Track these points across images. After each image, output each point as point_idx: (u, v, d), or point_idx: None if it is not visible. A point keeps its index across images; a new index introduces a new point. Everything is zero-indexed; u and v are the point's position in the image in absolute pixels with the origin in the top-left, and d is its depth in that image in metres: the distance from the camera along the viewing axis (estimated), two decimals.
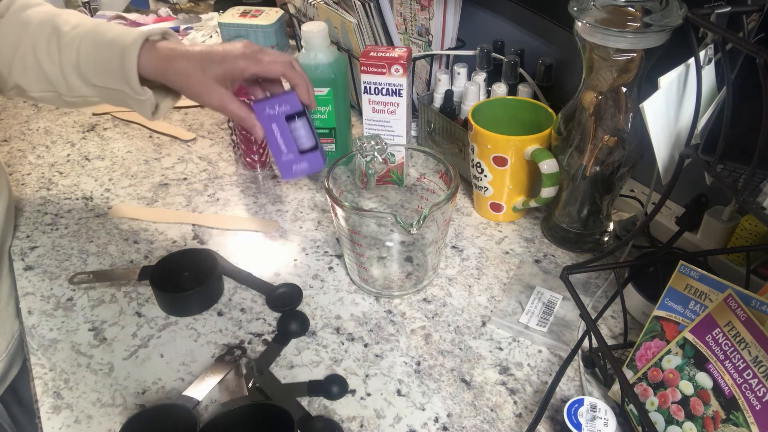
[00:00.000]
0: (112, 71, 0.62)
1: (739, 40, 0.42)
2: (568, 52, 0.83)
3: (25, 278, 0.70)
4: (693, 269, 0.50)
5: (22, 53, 0.64)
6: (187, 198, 0.83)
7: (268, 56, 0.65)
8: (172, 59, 0.63)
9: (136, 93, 0.63)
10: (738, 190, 0.45)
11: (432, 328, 0.63)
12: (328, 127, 0.84)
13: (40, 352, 0.61)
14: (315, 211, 0.81)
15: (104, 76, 0.63)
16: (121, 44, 0.62)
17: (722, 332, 0.45)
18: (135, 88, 0.62)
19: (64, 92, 0.65)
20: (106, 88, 0.64)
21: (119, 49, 0.62)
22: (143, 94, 0.63)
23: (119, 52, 0.62)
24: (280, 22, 1.20)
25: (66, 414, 0.55)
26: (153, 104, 0.65)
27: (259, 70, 0.65)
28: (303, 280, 0.70)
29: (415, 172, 0.69)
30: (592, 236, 0.72)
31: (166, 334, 0.63)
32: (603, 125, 0.62)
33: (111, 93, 0.65)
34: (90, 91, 0.65)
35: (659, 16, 0.53)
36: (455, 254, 0.73)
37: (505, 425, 0.54)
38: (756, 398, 0.42)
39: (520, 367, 0.59)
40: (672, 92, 0.52)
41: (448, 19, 0.85)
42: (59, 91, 0.65)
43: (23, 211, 0.81)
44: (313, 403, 0.56)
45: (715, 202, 0.66)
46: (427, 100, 0.86)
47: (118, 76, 0.62)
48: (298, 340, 0.62)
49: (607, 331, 0.63)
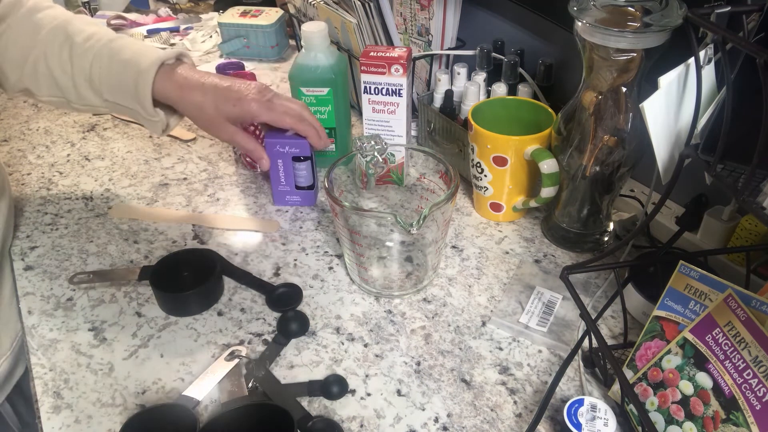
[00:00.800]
0: (126, 91, 0.64)
1: (739, 40, 0.42)
2: (568, 52, 0.83)
3: (25, 278, 0.70)
4: (693, 269, 0.50)
5: (34, 59, 0.64)
6: (187, 198, 0.83)
7: (281, 106, 0.68)
8: (188, 90, 0.64)
9: (148, 114, 0.65)
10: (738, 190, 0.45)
11: (432, 328, 0.63)
12: (328, 127, 0.84)
13: (40, 352, 0.61)
14: (315, 211, 0.81)
15: (117, 93, 0.65)
16: (137, 67, 0.63)
17: (722, 332, 0.45)
18: (148, 110, 0.64)
19: (73, 100, 0.66)
20: (118, 104, 0.66)
21: (134, 72, 0.63)
22: (155, 115, 0.65)
23: (134, 75, 0.63)
24: (280, 22, 1.20)
25: (66, 414, 0.55)
26: (164, 124, 0.67)
27: (271, 118, 0.68)
28: (303, 280, 0.70)
29: (415, 172, 0.69)
30: (592, 236, 0.72)
31: (166, 334, 0.63)
32: (603, 125, 0.62)
33: (122, 109, 0.66)
34: (100, 103, 0.66)
35: (659, 16, 0.53)
36: (455, 254, 0.73)
37: (505, 425, 0.54)
38: (756, 398, 0.42)
39: (520, 367, 0.59)
40: (672, 92, 0.52)
41: (448, 19, 0.85)
42: (68, 99, 0.66)
43: (23, 211, 0.81)
44: (313, 403, 0.56)
45: (715, 202, 0.66)
46: (427, 100, 0.86)
47: (132, 96, 0.64)
48: (298, 340, 0.62)
49: (607, 331, 0.63)
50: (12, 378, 0.76)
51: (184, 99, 0.64)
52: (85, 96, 0.65)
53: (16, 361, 0.75)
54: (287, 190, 0.79)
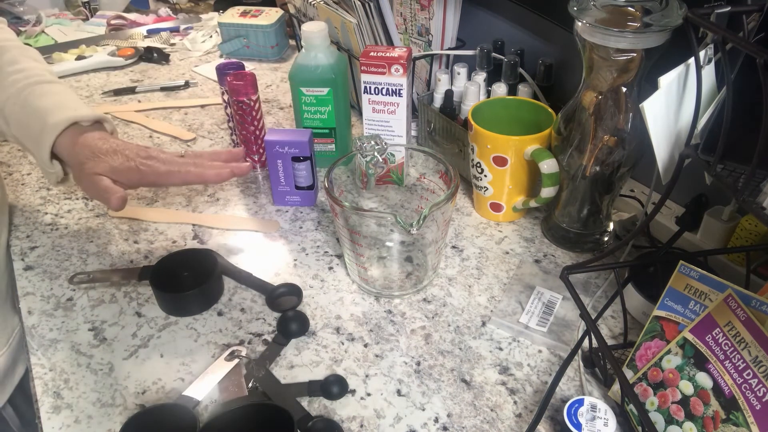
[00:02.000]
0: (30, 135, 0.64)
1: (739, 40, 0.42)
2: (568, 52, 0.83)
3: (25, 278, 0.70)
4: (693, 269, 0.50)
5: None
6: (187, 198, 0.83)
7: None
8: (78, 147, 0.63)
9: (44, 164, 0.65)
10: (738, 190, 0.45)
11: (432, 328, 0.63)
12: (328, 127, 0.84)
13: (40, 352, 0.61)
14: (315, 211, 0.81)
15: (23, 133, 0.65)
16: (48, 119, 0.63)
17: (722, 332, 0.45)
18: (44, 160, 0.64)
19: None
20: (21, 143, 0.66)
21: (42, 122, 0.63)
22: (51, 167, 0.65)
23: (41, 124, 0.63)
24: (280, 22, 1.20)
25: (66, 414, 0.55)
26: (60, 177, 0.67)
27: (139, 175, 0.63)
28: (303, 280, 0.70)
29: (415, 172, 0.69)
30: (592, 236, 0.72)
31: (166, 334, 0.63)
32: (603, 125, 0.62)
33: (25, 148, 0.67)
34: (7, 132, 0.67)
35: (659, 16, 0.53)
36: (455, 254, 0.73)
37: (505, 425, 0.54)
38: (756, 398, 0.42)
39: (520, 367, 0.59)
40: (672, 92, 0.52)
41: (448, 19, 0.85)
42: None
43: (23, 211, 0.81)
44: (313, 403, 0.56)
45: (715, 202, 0.66)
46: (427, 100, 0.86)
47: (35, 142, 0.64)
48: (298, 340, 0.62)
49: (607, 331, 0.63)
50: (12, 377, 0.76)
51: (70, 156, 0.64)
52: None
53: (16, 360, 0.75)
54: (287, 190, 0.79)
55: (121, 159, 0.62)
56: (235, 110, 0.82)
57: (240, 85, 0.80)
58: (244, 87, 0.80)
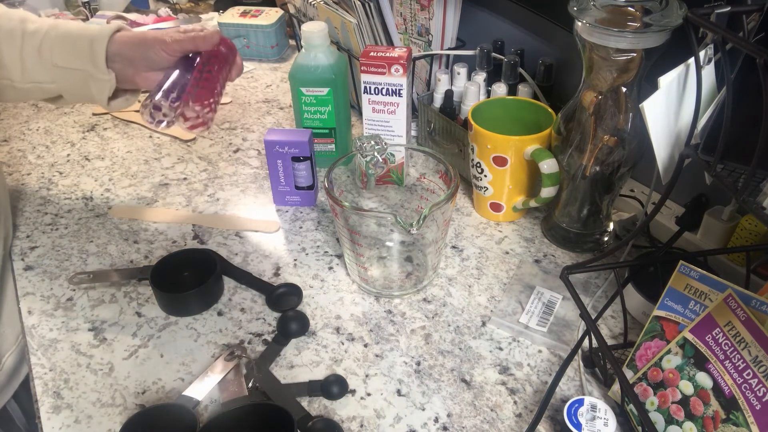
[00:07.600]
0: (80, 52, 0.66)
1: (739, 40, 0.42)
2: (568, 52, 0.83)
3: (25, 278, 0.70)
4: (693, 269, 0.50)
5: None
6: (187, 198, 0.83)
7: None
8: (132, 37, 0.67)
9: (101, 73, 0.66)
10: (738, 190, 0.45)
11: (432, 328, 0.63)
12: (328, 127, 0.84)
13: (40, 352, 0.61)
14: (315, 211, 0.81)
15: (70, 56, 0.66)
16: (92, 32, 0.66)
17: (722, 332, 0.45)
18: (101, 68, 0.66)
19: (17, 78, 0.67)
20: (67, 69, 0.67)
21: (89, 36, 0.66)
22: (107, 74, 0.66)
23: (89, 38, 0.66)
24: (280, 22, 1.20)
25: (66, 414, 0.55)
26: (112, 86, 0.67)
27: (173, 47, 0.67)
28: (303, 280, 0.70)
29: (415, 172, 0.69)
30: (592, 236, 0.72)
31: (166, 334, 0.63)
32: (603, 125, 0.62)
33: (71, 74, 0.67)
34: (46, 76, 0.67)
35: (659, 16, 0.53)
36: (455, 254, 0.73)
37: (505, 425, 0.54)
38: (756, 398, 0.42)
39: (520, 367, 0.59)
40: (672, 92, 0.52)
41: (448, 19, 0.85)
42: (12, 78, 0.67)
43: (23, 211, 0.81)
44: (313, 403, 0.56)
45: (715, 202, 0.66)
46: (427, 100, 0.86)
47: (86, 56, 0.65)
48: (298, 340, 0.62)
49: (607, 331, 0.63)
50: (18, 374, 0.76)
51: (128, 47, 0.67)
52: (31, 70, 0.67)
53: (22, 357, 0.75)
54: (287, 190, 0.80)
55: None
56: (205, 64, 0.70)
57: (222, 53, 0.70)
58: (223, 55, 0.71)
